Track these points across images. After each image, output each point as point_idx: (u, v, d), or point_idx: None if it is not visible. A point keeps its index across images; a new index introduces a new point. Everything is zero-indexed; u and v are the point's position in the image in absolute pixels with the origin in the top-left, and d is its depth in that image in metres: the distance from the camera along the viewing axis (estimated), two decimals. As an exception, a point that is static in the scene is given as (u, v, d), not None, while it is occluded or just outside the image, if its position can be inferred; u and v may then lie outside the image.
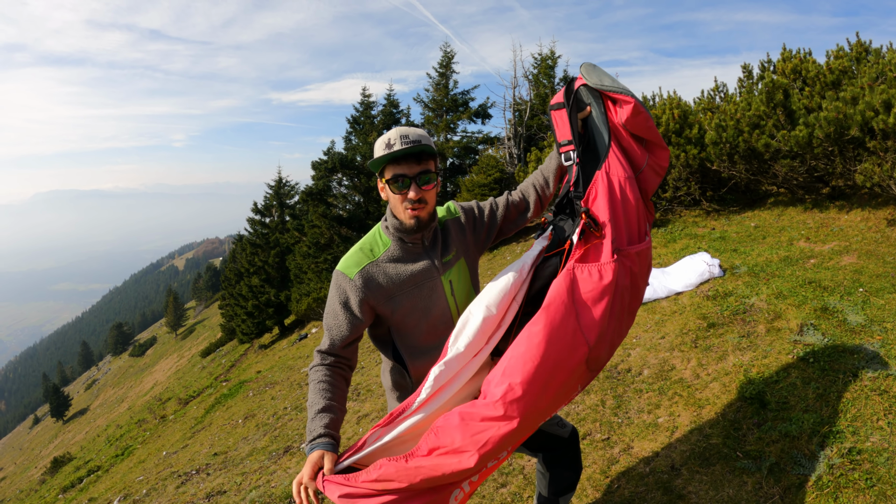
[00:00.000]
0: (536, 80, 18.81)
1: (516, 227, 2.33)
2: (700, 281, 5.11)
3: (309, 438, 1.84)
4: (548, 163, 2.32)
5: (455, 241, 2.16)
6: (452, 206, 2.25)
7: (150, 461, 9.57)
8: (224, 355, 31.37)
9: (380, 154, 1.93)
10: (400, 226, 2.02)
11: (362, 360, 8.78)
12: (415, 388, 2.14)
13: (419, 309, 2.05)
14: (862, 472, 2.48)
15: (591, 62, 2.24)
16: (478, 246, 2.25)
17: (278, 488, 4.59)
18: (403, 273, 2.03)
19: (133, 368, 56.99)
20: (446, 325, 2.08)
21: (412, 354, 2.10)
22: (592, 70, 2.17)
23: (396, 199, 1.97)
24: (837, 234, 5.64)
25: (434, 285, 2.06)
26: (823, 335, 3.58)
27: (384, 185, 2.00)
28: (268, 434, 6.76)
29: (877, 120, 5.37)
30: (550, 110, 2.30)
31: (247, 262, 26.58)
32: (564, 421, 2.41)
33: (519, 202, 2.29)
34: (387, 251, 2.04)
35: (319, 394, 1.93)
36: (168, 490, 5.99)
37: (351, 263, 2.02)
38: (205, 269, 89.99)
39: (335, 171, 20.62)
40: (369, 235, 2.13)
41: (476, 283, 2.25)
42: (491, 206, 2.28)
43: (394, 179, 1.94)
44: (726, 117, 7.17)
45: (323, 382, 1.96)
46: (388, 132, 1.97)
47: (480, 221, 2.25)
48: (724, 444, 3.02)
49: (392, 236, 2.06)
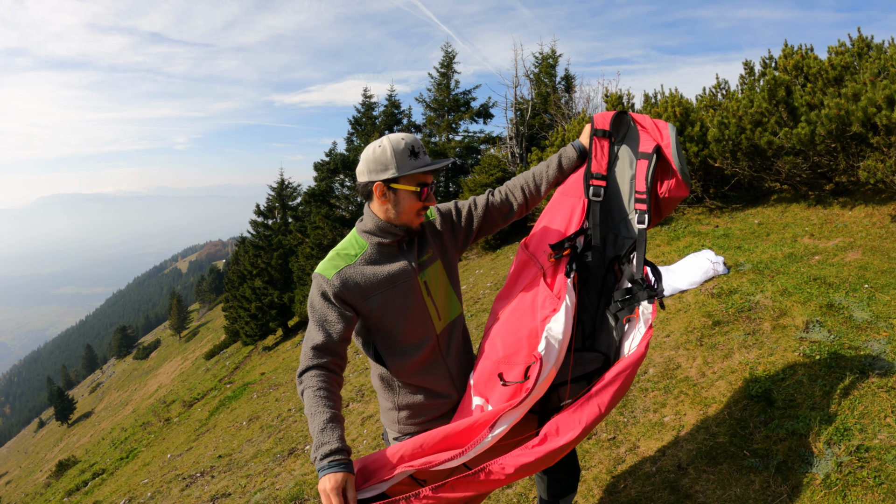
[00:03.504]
0: (538, 80, 18.82)
1: (496, 229, 2.35)
2: (704, 279, 5.09)
3: (325, 452, 1.76)
4: (546, 170, 2.31)
5: (431, 243, 2.18)
6: (430, 209, 2.26)
7: (155, 464, 9.59)
8: (228, 357, 31.41)
9: (406, 161, 1.97)
10: (397, 229, 2.05)
11: (366, 362, 8.77)
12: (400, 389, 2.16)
13: (396, 308, 2.05)
14: (870, 470, 2.47)
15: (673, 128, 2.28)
16: (456, 247, 2.27)
17: (283, 490, 4.59)
18: (380, 273, 2.04)
19: (137, 371, 57.05)
20: (424, 325, 2.10)
21: (392, 355, 2.11)
22: (677, 143, 2.22)
23: (415, 205, 2.02)
24: (841, 230, 5.62)
25: (411, 285, 2.07)
26: (829, 332, 3.56)
27: (390, 189, 2.00)
28: (272, 436, 6.76)
29: (879, 116, 5.34)
30: (593, 135, 2.32)
31: (250, 264, 26.61)
32: None
33: (501, 205, 2.29)
34: (363, 254, 2.06)
35: (321, 401, 1.87)
36: (173, 493, 5.99)
37: (328, 266, 2.04)
38: (208, 272, 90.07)
39: (337, 172, 20.64)
40: (345, 240, 2.14)
41: (455, 283, 2.25)
42: (470, 207, 2.28)
43: (422, 187, 2.00)
44: (728, 115, 7.14)
45: (322, 389, 1.89)
46: (402, 138, 1.99)
47: (458, 225, 2.27)
48: (731, 442, 3.01)
49: (369, 239, 2.08)
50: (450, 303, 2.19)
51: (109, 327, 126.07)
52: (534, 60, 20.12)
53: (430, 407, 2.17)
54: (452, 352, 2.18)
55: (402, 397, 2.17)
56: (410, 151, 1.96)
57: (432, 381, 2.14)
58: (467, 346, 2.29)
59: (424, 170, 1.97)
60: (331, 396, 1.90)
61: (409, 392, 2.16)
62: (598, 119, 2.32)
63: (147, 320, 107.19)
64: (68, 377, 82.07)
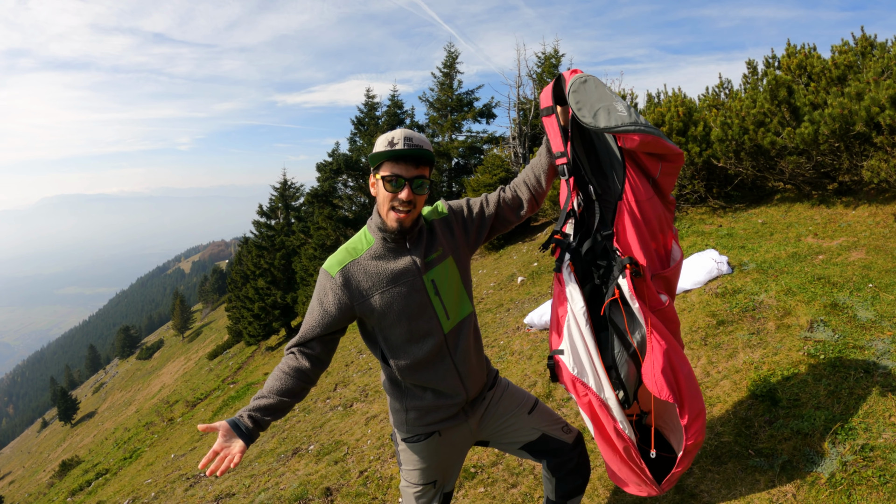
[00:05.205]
0: (540, 79, 18.82)
1: (509, 226, 2.33)
2: (708, 278, 5.09)
3: (239, 414, 2.00)
4: (538, 160, 2.30)
5: (442, 241, 2.16)
6: (441, 205, 2.26)
7: (159, 464, 9.61)
8: (231, 358, 31.47)
9: (381, 149, 1.97)
10: (382, 226, 2.06)
11: (370, 362, 8.78)
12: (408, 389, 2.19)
13: (398, 308, 2.05)
14: (875, 469, 2.47)
15: (583, 77, 2.09)
16: (469, 245, 2.25)
17: (287, 490, 4.59)
18: (383, 271, 2.05)
19: (140, 371, 57.17)
20: (430, 325, 2.09)
21: (397, 355, 2.10)
22: (584, 96, 2.07)
23: (386, 197, 1.99)
24: (845, 229, 5.61)
25: (414, 284, 2.06)
26: (834, 331, 3.56)
27: (376, 180, 2.03)
28: (276, 436, 6.77)
29: (882, 115, 5.33)
30: (541, 115, 2.27)
31: (253, 264, 26.65)
32: (570, 426, 2.38)
33: (512, 200, 2.28)
34: (369, 249, 2.08)
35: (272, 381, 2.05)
36: (176, 493, 6.01)
37: (334, 262, 2.06)
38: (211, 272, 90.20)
39: (340, 173, 20.66)
40: (356, 235, 2.17)
41: (467, 282, 2.23)
42: (482, 204, 2.27)
43: (390, 178, 1.96)
44: (731, 114, 7.13)
45: (283, 372, 2.05)
46: (392, 131, 2.00)
47: (470, 220, 2.25)
48: (736, 442, 3.01)
49: (375, 234, 2.10)
50: (460, 302, 2.17)
51: (113, 327, 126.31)
52: (536, 60, 20.12)
53: (438, 407, 2.16)
54: (461, 351, 2.15)
55: (410, 398, 2.17)
56: (389, 141, 1.97)
57: (439, 381, 2.13)
58: (478, 344, 2.26)
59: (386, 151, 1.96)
60: (283, 379, 2.04)
61: (417, 392, 2.16)
62: (542, 98, 2.29)
63: (150, 321, 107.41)
64: (72, 377, 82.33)
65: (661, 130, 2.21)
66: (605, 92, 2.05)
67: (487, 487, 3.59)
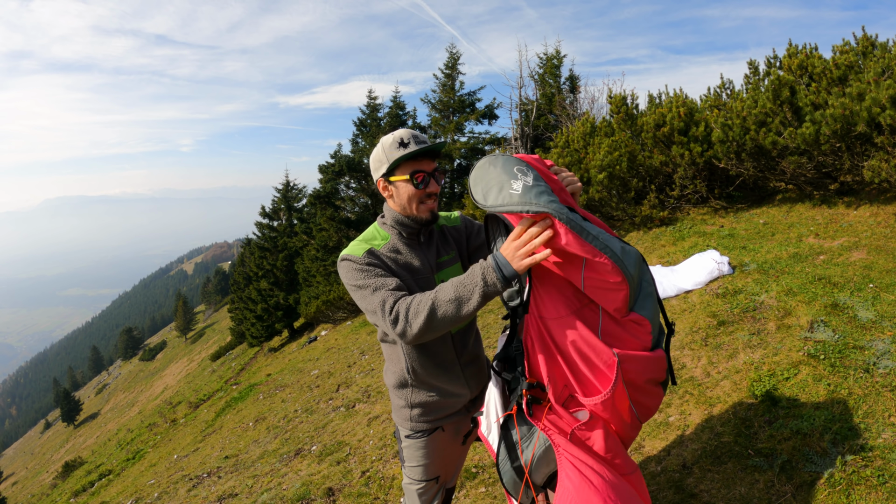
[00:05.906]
0: (542, 80, 18.82)
1: None
2: (709, 279, 5.10)
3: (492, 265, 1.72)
4: None
5: (453, 245, 2.27)
6: (455, 214, 2.37)
7: (162, 465, 9.63)
8: (234, 359, 31.51)
9: (394, 152, 2.01)
10: (409, 220, 2.10)
11: (373, 363, 8.80)
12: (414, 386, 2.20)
13: None
14: (874, 469, 2.47)
15: (500, 156, 1.75)
16: (470, 257, 2.34)
17: (290, 490, 4.61)
18: (402, 263, 2.10)
19: (143, 372, 57.29)
20: None
21: (412, 351, 2.15)
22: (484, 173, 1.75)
23: (415, 194, 2.04)
24: (846, 229, 5.61)
25: (428, 282, 2.12)
26: (834, 332, 3.57)
27: (390, 183, 2.07)
28: (279, 437, 6.79)
29: (883, 115, 5.33)
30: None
31: (255, 265, 26.69)
32: None
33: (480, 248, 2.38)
34: (386, 243, 2.12)
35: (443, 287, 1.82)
36: (179, 493, 6.03)
37: (356, 249, 2.07)
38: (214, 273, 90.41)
39: (342, 174, 20.69)
40: (368, 231, 2.20)
41: None
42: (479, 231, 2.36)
43: (414, 175, 2.02)
44: (733, 115, 7.13)
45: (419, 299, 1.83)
46: (395, 133, 2.06)
47: (476, 237, 2.35)
48: (736, 442, 3.02)
49: (391, 230, 2.15)
50: None
51: (115, 329, 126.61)
52: (538, 61, 20.13)
53: (442, 405, 2.24)
54: (466, 353, 2.25)
55: (415, 395, 2.22)
56: (399, 143, 2.02)
57: (447, 380, 2.20)
58: (479, 347, 2.35)
59: (405, 153, 1.98)
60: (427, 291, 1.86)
61: (424, 390, 2.21)
62: None
63: (153, 322, 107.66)
64: (74, 378, 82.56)
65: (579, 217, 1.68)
66: (512, 170, 1.70)
67: (488, 487, 3.61)
